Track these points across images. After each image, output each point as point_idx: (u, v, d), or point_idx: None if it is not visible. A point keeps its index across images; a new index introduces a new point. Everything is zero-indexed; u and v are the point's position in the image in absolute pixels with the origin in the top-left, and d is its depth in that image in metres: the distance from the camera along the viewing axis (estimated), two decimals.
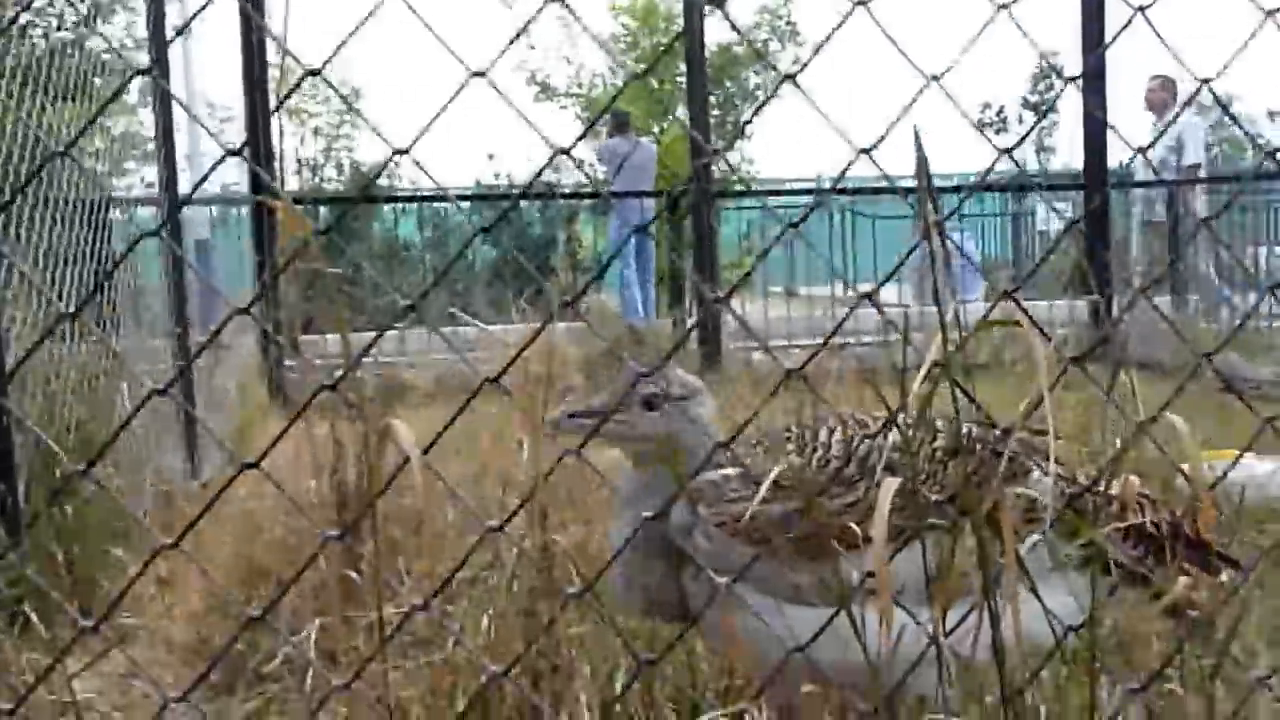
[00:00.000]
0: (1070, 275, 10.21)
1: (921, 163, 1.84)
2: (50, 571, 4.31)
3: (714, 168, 10.06)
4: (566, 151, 1.77)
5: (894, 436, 2.02)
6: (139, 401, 5.73)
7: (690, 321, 10.89)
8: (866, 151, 1.80)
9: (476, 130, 13.04)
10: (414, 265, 15.74)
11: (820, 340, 2.05)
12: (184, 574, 4.79)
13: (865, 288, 1.91)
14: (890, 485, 1.73)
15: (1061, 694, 2.75)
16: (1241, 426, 2.27)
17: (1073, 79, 2.43)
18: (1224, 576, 2.40)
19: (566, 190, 14.62)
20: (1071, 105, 25.21)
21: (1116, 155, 11.57)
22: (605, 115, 14.22)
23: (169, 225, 6.35)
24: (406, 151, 1.75)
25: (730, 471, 2.15)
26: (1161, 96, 12.36)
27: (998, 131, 27.47)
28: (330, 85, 2.30)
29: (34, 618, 3.98)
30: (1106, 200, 10.89)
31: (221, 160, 1.82)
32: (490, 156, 22.66)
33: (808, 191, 14.77)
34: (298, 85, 4.34)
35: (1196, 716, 2.56)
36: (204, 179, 7.13)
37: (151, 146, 6.66)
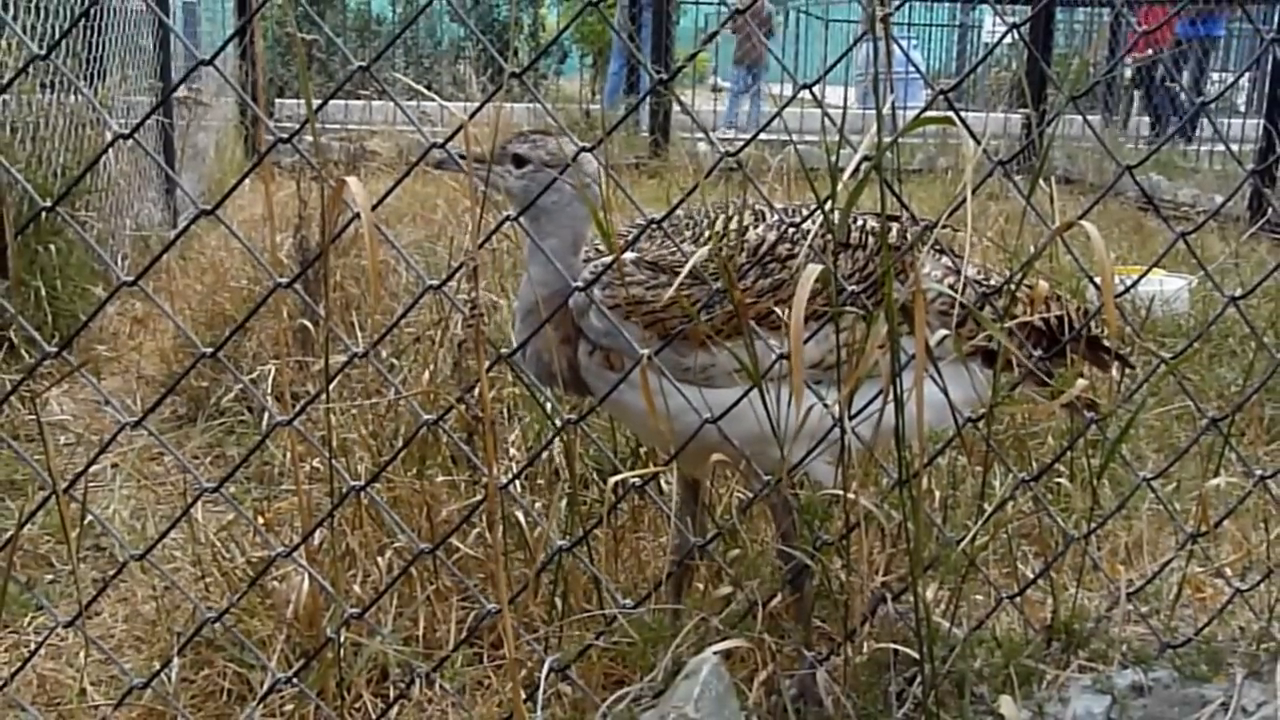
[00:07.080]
0: (1010, 88, 10.01)
1: None
2: (33, 305, 4.31)
3: None
4: None
5: (819, 227, 1.94)
6: (116, 150, 5.61)
7: (644, 111, 10.63)
8: None
9: None
10: (384, 40, 15.16)
11: (765, 135, 1.94)
12: (157, 315, 4.76)
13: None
14: (810, 273, 1.65)
15: (956, 480, 2.76)
16: (1158, 246, 2.20)
17: None
18: (1114, 373, 2.37)
19: None
20: None
21: None
22: None
23: None
24: None
25: (628, 256, 2.08)
26: None
27: None
28: None
29: (18, 344, 4.00)
30: (1051, 11, 10.59)
31: None
32: None
33: None
34: None
35: (1081, 510, 2.57)
36: None
37: None
